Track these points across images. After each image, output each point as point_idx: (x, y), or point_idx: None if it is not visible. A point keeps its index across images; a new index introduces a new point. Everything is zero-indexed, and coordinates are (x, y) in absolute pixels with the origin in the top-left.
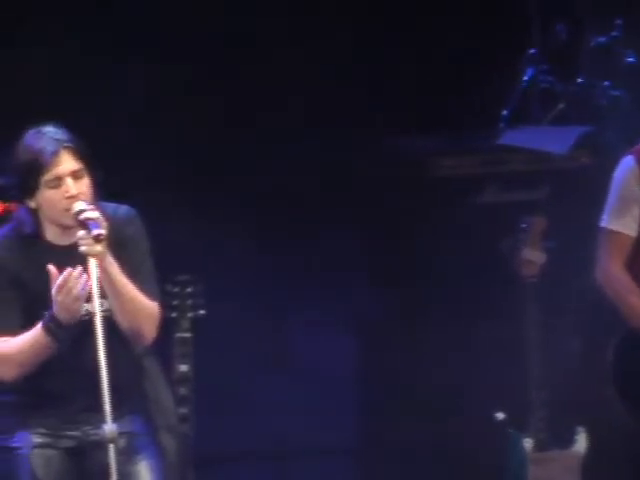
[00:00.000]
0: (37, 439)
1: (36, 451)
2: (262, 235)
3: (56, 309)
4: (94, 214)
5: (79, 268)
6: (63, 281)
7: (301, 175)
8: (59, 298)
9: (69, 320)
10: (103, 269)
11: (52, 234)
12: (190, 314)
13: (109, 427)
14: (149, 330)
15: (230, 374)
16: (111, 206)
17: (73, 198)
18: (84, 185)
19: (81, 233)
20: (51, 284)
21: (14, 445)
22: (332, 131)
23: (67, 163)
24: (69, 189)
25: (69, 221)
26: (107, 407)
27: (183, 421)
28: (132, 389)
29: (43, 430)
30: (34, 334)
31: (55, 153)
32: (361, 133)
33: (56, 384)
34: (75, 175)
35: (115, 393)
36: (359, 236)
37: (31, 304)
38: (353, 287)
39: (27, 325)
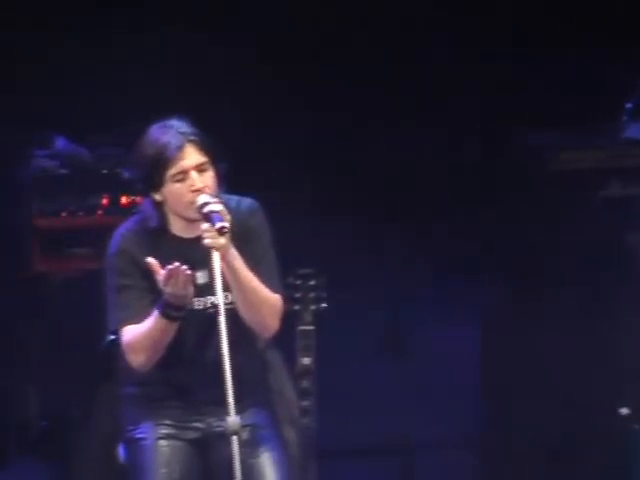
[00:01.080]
0: (162, 430)
1: (161, 442)
2: (384, 227)
3: (166, 297)
4: (218, 207)
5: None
6: (168, 275)
7: (428, 171)
8: (168, 289)
9: (180, 304)
10: (227, 262)
11: (177, 227)
12: (313, 307)
13: (232, 419)
14: (272, 323)
15: (353, 366)
16: (234, 199)
17: (198, 191)
18: (209, 178)
19: (205, 226)
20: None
21: (139, 436)
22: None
23: (192, 157)
24: (194, 183)
25: (194, 214)
26: (230, 399)
27: (305, 414)
28: (255, 382)
29: (168, 421)
30: (153, 319)
31: (180, 147)
32: (491, 131)
33: (182, 376)
34: (200, 168)
35: (238, 385)
36: (481, 228)
37: (158, 296)
38: (476, 278)
39: None
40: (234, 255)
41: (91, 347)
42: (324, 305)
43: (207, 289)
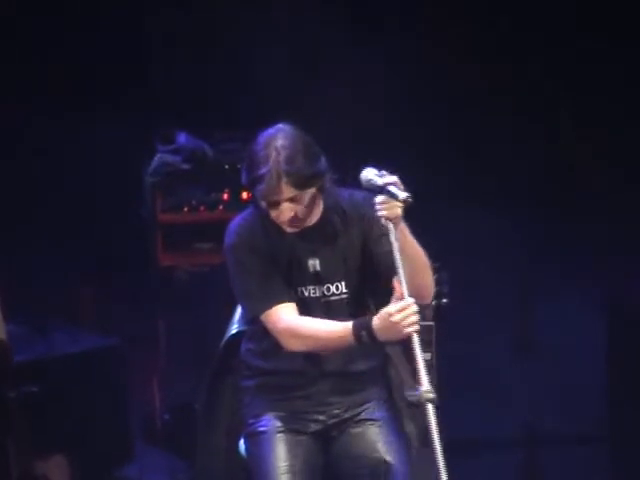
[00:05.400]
0: (283, 423)
1: (282, 435)
2: (512, 220)
3: (380, 325)
4: (392, 178)
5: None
6: (405, 306)
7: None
8: (394, 320)
9: (385, 339)
10: (400, 230)
11: None
12: (433, 302)
13: (426, 387)
14: (432, 284)
15: (478, 360)
16: (347, 191)
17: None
18: (302, 202)
19: (381, 198)
20: (295, 251)
21: (260, 429)
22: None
23: (285, 192)
24: (280, 214)
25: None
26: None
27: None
28: (376, 375)
29: (290, 414)
30: (342, 331)
31: (274, 186)
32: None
33: (302, 367)
34: (293, 199)
35: (359, 379)
36: (610, 225)
37: (283, 276)
38: (605, 270)
39: None
40: (404, 226)
41: (213, 340)
42: (445, 300)
43: (319, 277)
